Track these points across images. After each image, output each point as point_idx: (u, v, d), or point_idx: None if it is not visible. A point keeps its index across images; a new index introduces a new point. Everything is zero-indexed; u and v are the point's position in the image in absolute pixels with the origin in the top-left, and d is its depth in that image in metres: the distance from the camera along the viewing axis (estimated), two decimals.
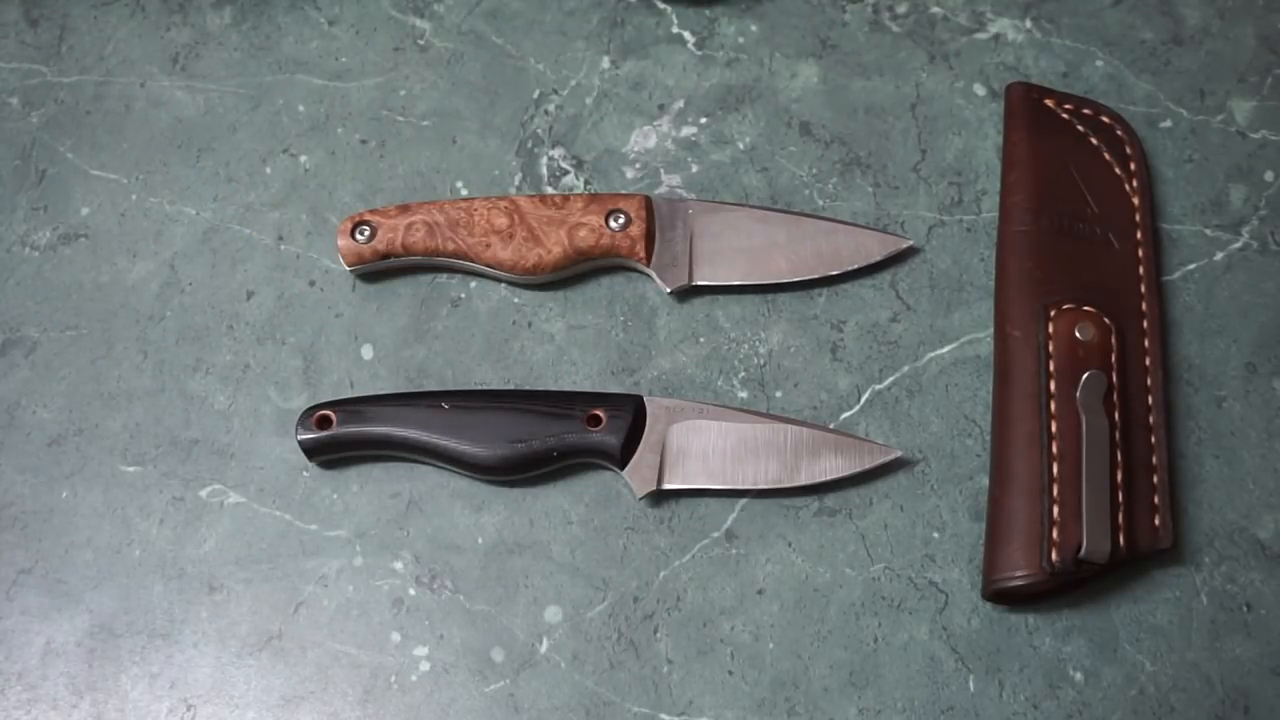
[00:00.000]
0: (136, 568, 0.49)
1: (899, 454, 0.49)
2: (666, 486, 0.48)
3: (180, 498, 0.50)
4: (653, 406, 0.49)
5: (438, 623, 0.48)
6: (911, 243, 0.53)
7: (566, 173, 0.55)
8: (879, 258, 0.52)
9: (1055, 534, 0.46)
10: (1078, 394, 0.48)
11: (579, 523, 0.49)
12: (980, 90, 0.56)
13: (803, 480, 0.48)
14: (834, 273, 0.52)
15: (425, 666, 0.47)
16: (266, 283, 0.53)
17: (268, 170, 0.55)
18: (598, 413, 0.48)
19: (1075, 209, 0.52)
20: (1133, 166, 0.54)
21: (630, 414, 0.48)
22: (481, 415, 0.48)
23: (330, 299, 0.53)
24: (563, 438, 0.48)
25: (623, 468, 0.48)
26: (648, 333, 0.52)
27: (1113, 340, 0.49)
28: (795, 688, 0.47)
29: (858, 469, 0.49)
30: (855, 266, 0.52)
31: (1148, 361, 0.50)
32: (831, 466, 0.49)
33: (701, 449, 0.49)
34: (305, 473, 0.50)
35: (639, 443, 0.48)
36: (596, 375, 0.51)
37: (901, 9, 0.58)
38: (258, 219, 0.54)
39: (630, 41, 0.57)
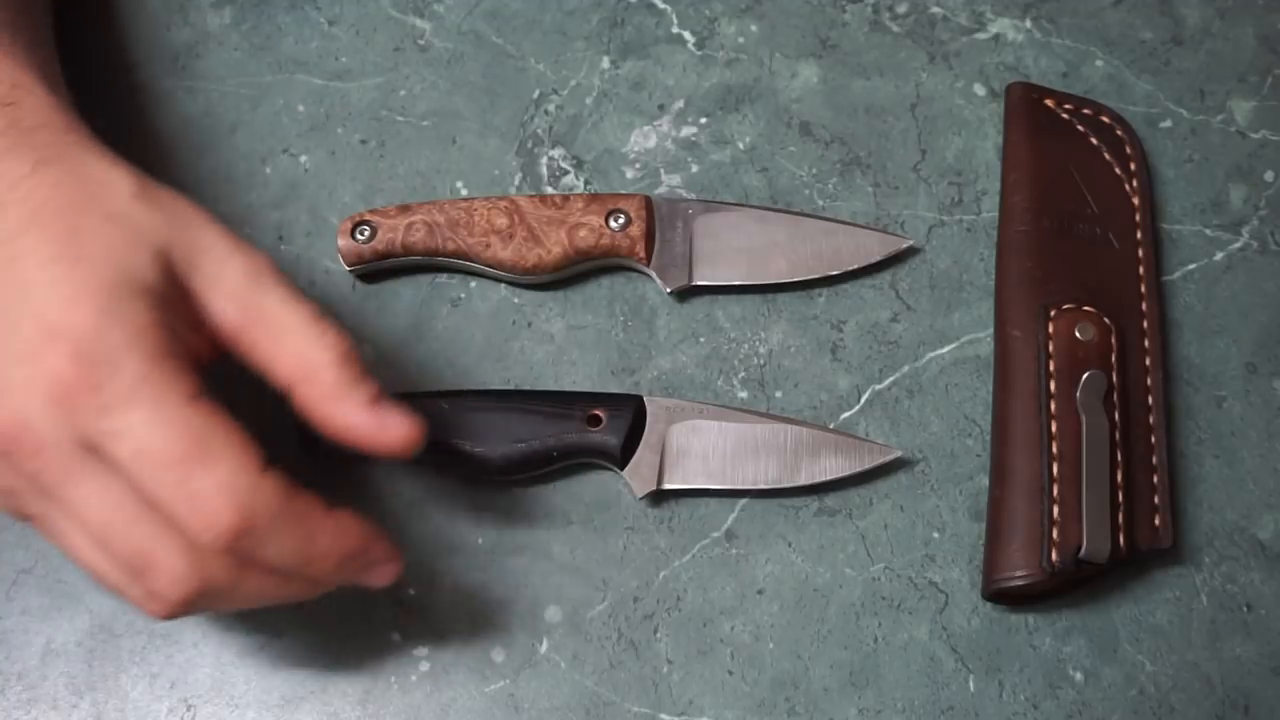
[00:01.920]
0: None
1: (899, 454, 0.49)
2: (666, 486, 0.48)
3: None
4: (653, 406, 0.49)
5: (438, 623, 0.48)
6: (911, 242, 0.53)
7: (566, 173, 0.55)
8: (879, 258, 0.52)
9: (1055, 534, 0.46)
10: (1078, 394, 0.48)
11: (579, 523, 0.49)
12: (980, 90, 0.56)
13: (803, 480, 0.48)
14: (834, 273, 0.52)
15: (425, 666, 0.47)
16: None
17: (268, 170, 0.55)
18: (598, 413, 0.48)
19: (1075, 209, 0.52)
20: (1133, 166, 0.54)
21: (630, 414, 0.48)
22: (481, 415, 0.48)
23: (330, 299, 0.53)
24: (562, 438, 0.48)
25: (623, 468, 0.48)
26: (648, 333, 0.52)
27: (1113, 340, 0.49)
28: (795, 688, 0.47)
29: (858, 469, 0.49)
30: (855, 266, 0.52)
31: (1148, 361, 0.50)
32: (831, 466, 0.49)
33: (701, 449, 0.49)
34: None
35: (639, 443, 0.48)
36: (596, 375, 0.51)
37: (901, 9, 0.58)
38: (258, 219, 0.54)
39: (630, 41, 0.57)
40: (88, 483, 0.37)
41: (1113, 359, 0.49)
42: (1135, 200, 0.53)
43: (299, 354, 0.39)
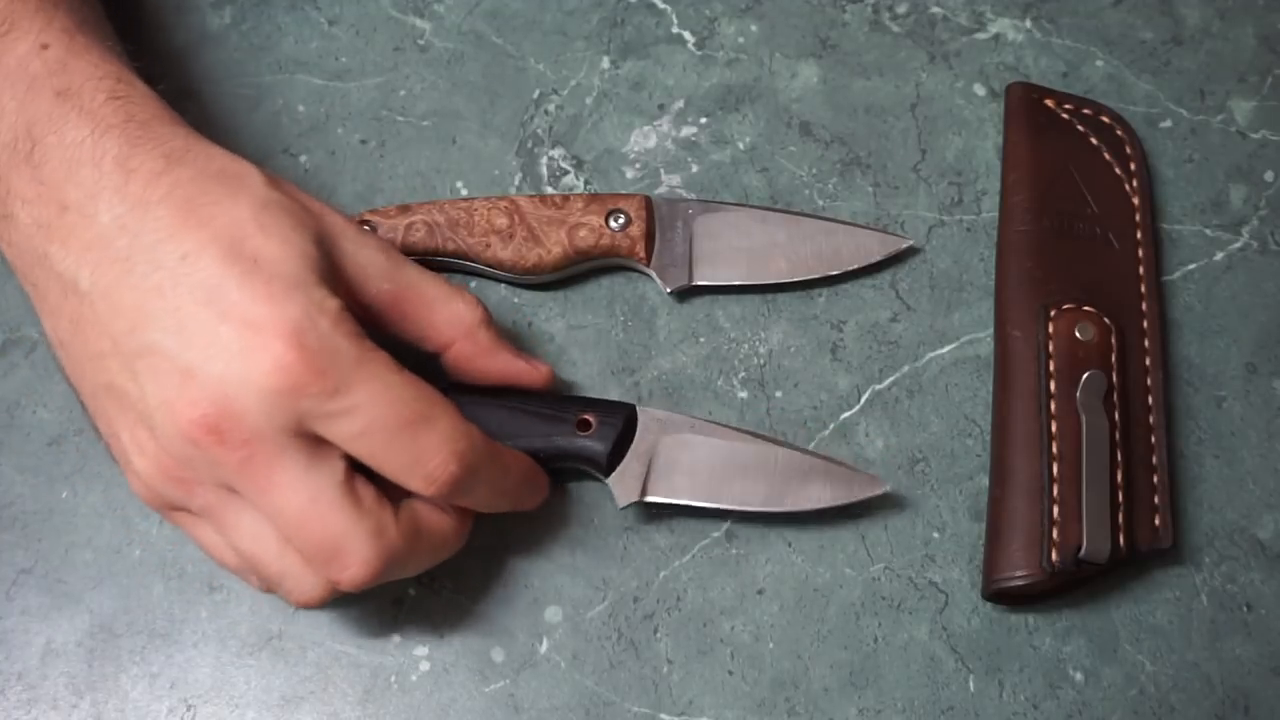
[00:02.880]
0: (136, 568, 0.49)
1: (888, 488, 0.48)
2: (650, 499, 0.47)
3: None
4: (644, 417, 0.48)
5: (438, 623, 0.48)
6: (911, 242, 0.53)
7: (566, 173, 0.55)
8: (879, 258, 0.52)
9: (1055, 534, 0.46)
10: (1078, 394, 0.48)
11: (579, 522, 0.49)
12: (980, 90, 0.56)
13: (788, 507, 0.47)
14: (834, 273, 0.52)
15: (425, 666, 0.47)
16: None
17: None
18: (588, 418, 0.48)
19: (1075, 209, 0.52)
20: (1133, 166, 0.54)
21: (621, 422, 0.48)
22: (474, 410, 0.47)
23: None
24: (552, 440, 0.47)
25: (608, 475, 0.48)
26: (648, 333, 0.52)
27: (1113, 340, 0.49)
28: (795, 688, 0.47)
29: (843, 501, 0.47)
30: (855, 266, 0.52)
31: (1148, 361, 0.50)
32: (818, 495, 0.47)
33: (690, 463, 0.47)
34: None
35: (627, 451, 0.48)
36: (596, 375, 0.51)
37: (901, 9, 0.58)
38: None
39: (630, 41, 0.57)
40: (292, 471, 0.39)
41: (1113, 359, 0.49)
42: (1135, 200, 0.53)
43: (455, 317, 0.44)
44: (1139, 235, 0.52)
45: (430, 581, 0.48)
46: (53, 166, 0.40)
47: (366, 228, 0.51)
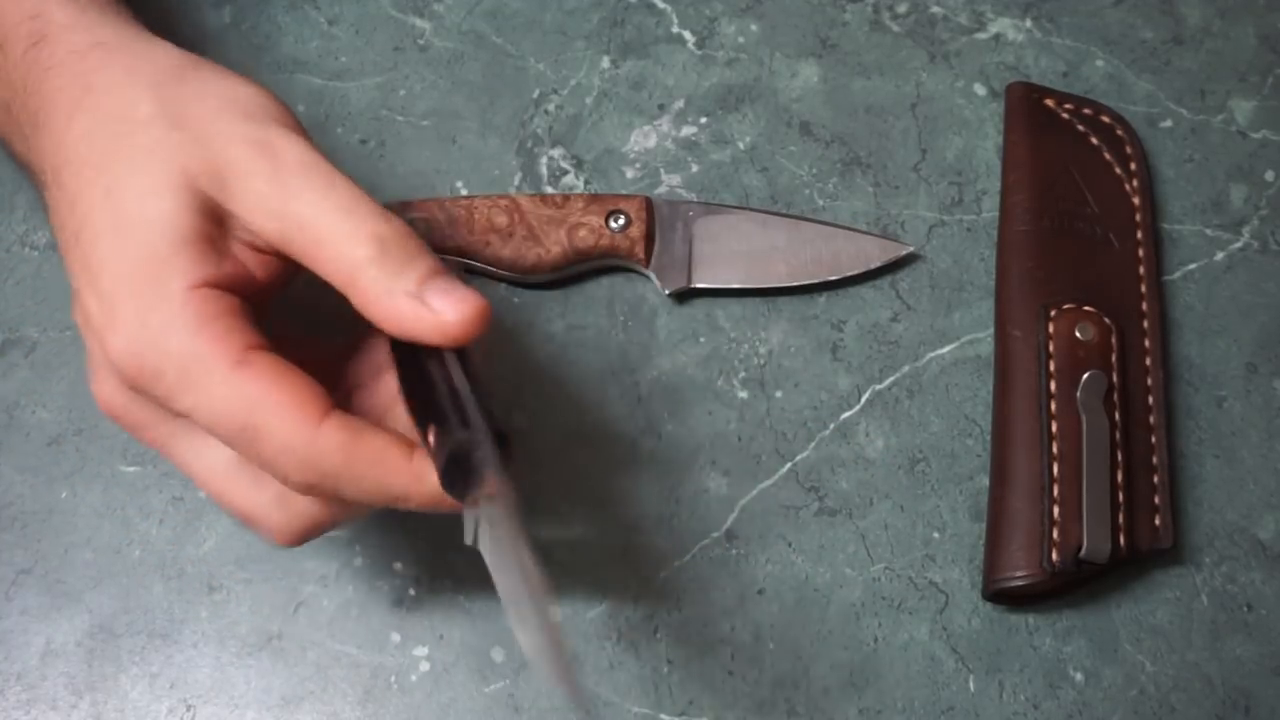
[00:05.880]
0: (136, 568, 0.49)
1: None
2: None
3: (180, 497, 0.50)
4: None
5: (438, 623, 0.48)
6: (911, 249, 0.53)
7: (566, 172, 0.55)
8: (878, 264, 0.52)
9: (1055, 534, 0.46)
10: (1078, 394, 0.48)
11: (579, 523, 0.49)
12: (980, 90, 0.56)
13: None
14: (833, 278, 0.52)
15: (425, 666, 0.47)
16: None
17: None
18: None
19: (1075, 209, 0.52)
20: (1133, 166, 0.54)
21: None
22: None
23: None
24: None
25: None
26: (648, 333, 0.52)
27: (1113, 340, 0.49)
28: (795, 688, 0.47)
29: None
30: (855, 272, 0.52)
31: (1148, 361, 0.50)
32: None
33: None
34: None
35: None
36: (596, 375, 0.51)
37: (901, 9, 0.58)
38: None
39: (630, 41, 0.57)
40: (182, 446, 0.39)
41: (1113, 359, 0.49)
42: (1135, 200, 0.53)
43: (337, 258, 0.37)
44: (1139, 235, 0.52)
45: (430, 581, 0.48)
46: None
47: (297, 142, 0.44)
